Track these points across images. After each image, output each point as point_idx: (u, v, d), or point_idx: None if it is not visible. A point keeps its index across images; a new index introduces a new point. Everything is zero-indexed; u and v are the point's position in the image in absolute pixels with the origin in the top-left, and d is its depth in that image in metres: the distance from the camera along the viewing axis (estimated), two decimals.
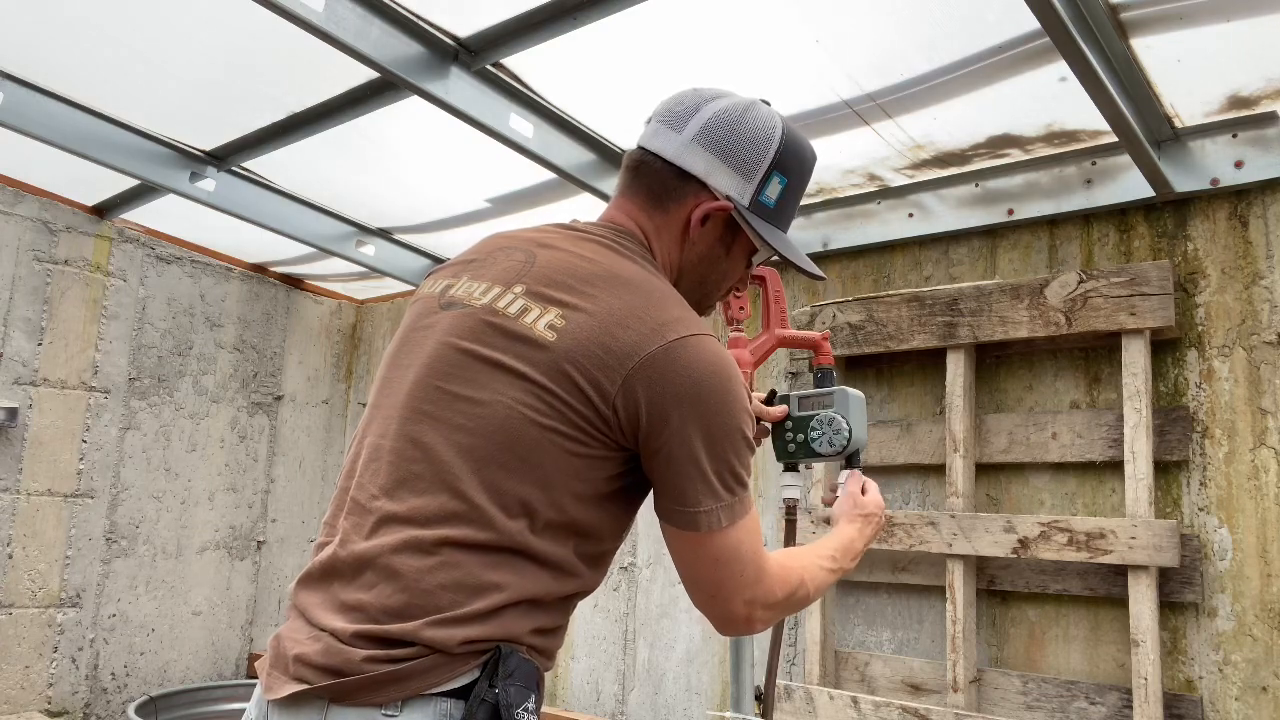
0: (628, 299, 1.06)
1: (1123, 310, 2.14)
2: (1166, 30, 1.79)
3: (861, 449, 1.53)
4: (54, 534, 3.28)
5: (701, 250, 1.22)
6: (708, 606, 1.12)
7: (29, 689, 3.20)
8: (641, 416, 1.02)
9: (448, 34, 2.10)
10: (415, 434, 1.06)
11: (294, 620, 1.06)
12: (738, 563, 1.08)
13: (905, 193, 2.56)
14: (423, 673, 0.96)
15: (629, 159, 1.25)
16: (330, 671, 0.97)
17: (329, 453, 4.19)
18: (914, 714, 2.23)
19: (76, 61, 2.40)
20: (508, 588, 1.00)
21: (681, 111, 1.21)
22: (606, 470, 1.06)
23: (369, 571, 1.01)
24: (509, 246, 1.19)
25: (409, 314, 1.22)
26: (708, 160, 1.18)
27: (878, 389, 2.64)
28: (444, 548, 0.99)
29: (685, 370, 1.02)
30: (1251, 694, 1.99)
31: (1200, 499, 2.11)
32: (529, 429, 1.01)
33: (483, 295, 1.11)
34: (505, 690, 0.97)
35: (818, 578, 1.24)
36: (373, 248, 3.39)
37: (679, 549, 1.10)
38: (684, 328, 1.05)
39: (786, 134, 1.21)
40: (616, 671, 3.06)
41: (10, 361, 3.20)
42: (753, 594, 1.11)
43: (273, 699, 1.00)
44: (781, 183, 1.20)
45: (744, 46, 2.01)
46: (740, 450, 1.07)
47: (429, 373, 1.08)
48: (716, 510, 1.05)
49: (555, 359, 1.02)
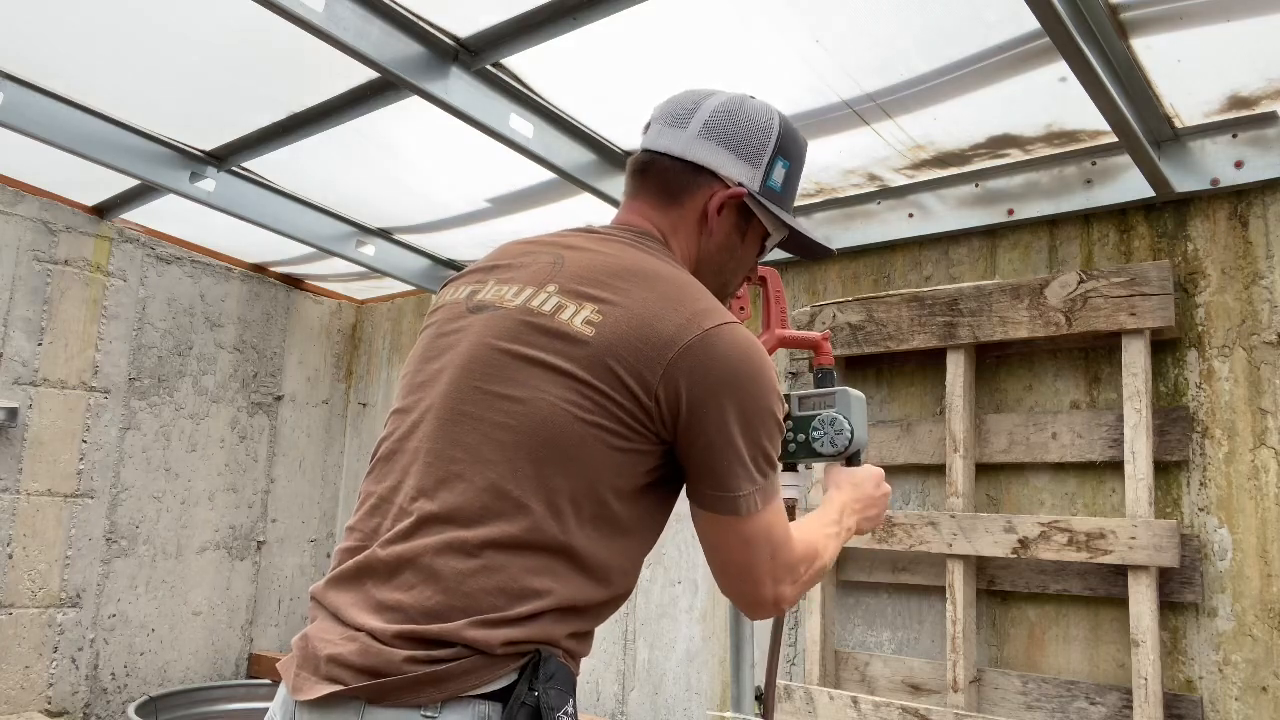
0: (660, 290, 1.08)
1: (1123, 310, 2.14)
2: (1166, 30, 1.79)
3: (862, 449, 1.52)
4: (54, 534, 3.28)
5: (720, 239, 1.25)
6: (737, 591, 1.15)
7: (29, 689, 3.20)
8: (682, 405, 1.04)
9: (448, 34, 2.09)
10: (456, 434, 1.06)
11: (323, 620, 1.05)
12: (768, 544, 1.11)
13: (905, 193, 2.56)
14: (462, 674, 0.95)
15: (635, 162, 1.28)
16: (368, 672, 0.96)
17: (329, 453, 4.19)
18: (914, 714, 2.23)
19: (76, 61, 2.39)
20: (549, 594, 1.00)
21: (683, 111, 1.25)
22: (646, 464, 1.07)
23: (408, 572, 1.00)
24: (534, 250, 1.20)
25: (433, 320, 1.22)
26: (716, 151, 1.23)
27: (878, 389, 2.64)
28: (487, 550, 0.99)
29: (723, 357, 1.04)
30: (1251, 694, 1.99)
31: (1200, 499, 2.11)
32: (573, 424, 1.02)
33: (515, 296, 1.12)
34: (545, 693, 0.97)
35: (829, 546, 1.28)
36: (373, 248, 3.39)
37: (715, 535, 1.11)
38: (717, 316, 1.07)
39: (782, 120, 1.28)
40: (616, 671, 3.06)
41: (10, 361, 3.20)
42: (780, 574, 1.13)
43: (303, 700, 0.99)
44: (784, 166, 1.27)
45: (744, 46, 2.00)
46: (773, 433, 1.09)
47: (466, 374, 1.09)
48: (754, 494, 1.08)
49: (596, 353, 1.03)
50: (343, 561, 1.09)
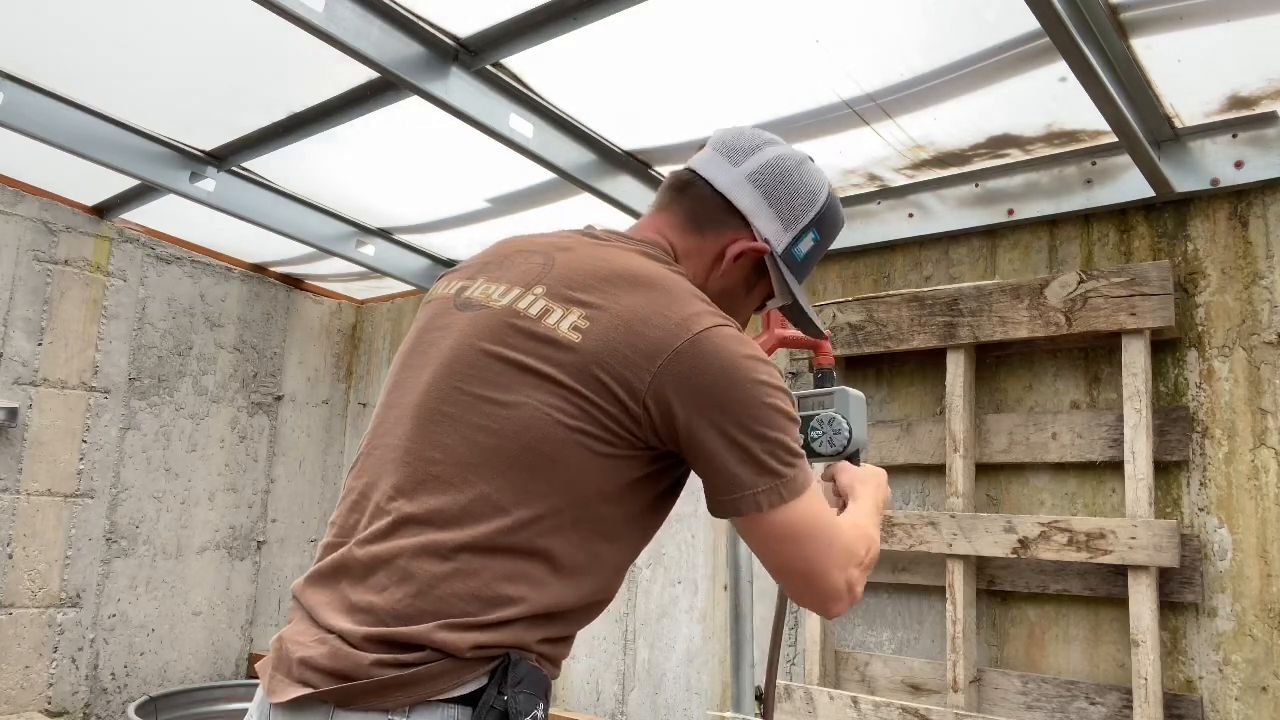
0: (649, 296, 1.06)
1: (1123, 310, 2.14)
2: (1166, 30, 1.79)
3: (862, 449, 1.52)
4: (54, 534, 3.28)
5: (726, 284, 1.25)
6: (805, 590, 1.09)
7: (29, 689, 3.20)
8: (677, 414, 1.02)
9: (448, 34, 2.09)
10: (435, 435, 1.05)
11: (299, 621, 1.05)
12: (820, 532, 1.07)
13: (905, 193, 2.56)
14: (430, 678, 0.95)
15: (675, 178, 1.27)
16: (337, 675, 0.96)
17: (329, 453, 4.19)
18: (914, 714, 2.23)
19: (76, 61, 2.39)
20: (523, 601, 0.99)
21: (741, 147, 1.25)
22: (632, 471, 1.06)
23: (382, 573, 1.00)
24: (526, 250, 1.19)
25: (422, 314, 1.21)
26: (756, 201, 1.22)
27: (878, 389, 2.64)
28: (462, 553, 0.98)
29: (714, 361, 1.02)
30: (1251, 694, 1.99)
31: (1200, 499, 2.11)
32: (556, 430, 1.01)
33: (502, 297, 1.11)
34: (514, 698, 0.96)
35: (872, 521, 1.24)
36: (373, 248, 3.39)
37: (756, 539, 1.08)
38: (707, 319, 1.05)
39: (830, 195, 1.27)
40: (616, 671, 3.06)
41: (10, 361, 3.20)
42: (843, 559, 1.09)
43: (276, 702, 0.99)
44: (814, 240, 1.27)
45: (744, 46, 2.00)
46: (784, 425, 1.05)
47: (448, 373, 1.08)
48: (777, 487, 1.04)
49: (582, 361, 1.02)
50: (323, 557, 1.08)
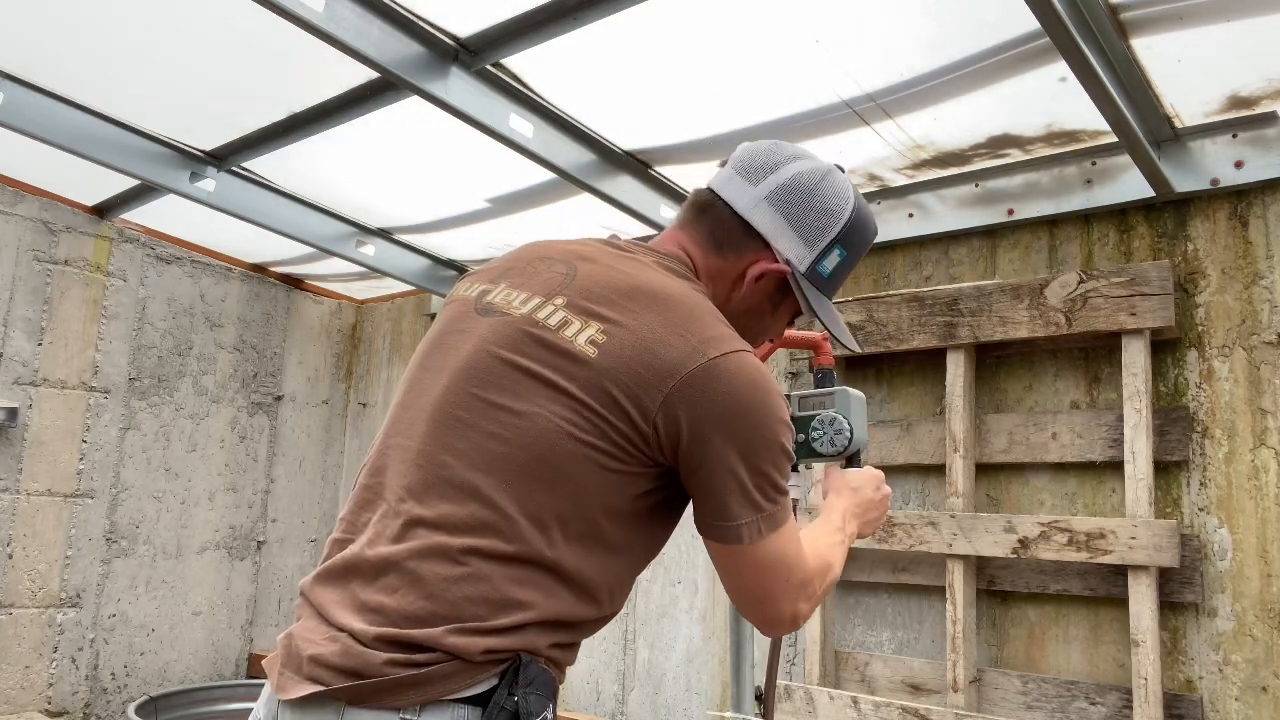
0: (668, 315, 1.06)
1: (1123, 310, 2.14)
2: (1166, 30, 1.79)
3: (862, 449, 1.52)
4: (54, 534, 3.28)
5: (750, 304, 1.24)
6: (754, 612, 1.15)
7: (29, 689, 3.20)
8: (682, 434, 1.03)
9: (448, 34, 2.09)
10: (448, 439, 1.05)
11: (308, 619, 1.05)
12: (783, 568, 1.11)
13: (905, 193, 2.56)
14: (443, 678, 0.95)
15: (697, 197, 1.27)
16: (349, 673, 0.96)
17: (329, 453, 4.19)
18: (914, 714, 2.23)
19: (76, 61, 2.39)
20: (534, 607, 1.00)
21: (759, 166, 1.23)
22: (640, 486, 1.06)
23: (392, 574, 1.00)
24: (549, 257, 1.18)
25: (443, 315, 1.21)
26: (776, 222, 1.21)
27: (878, 389, 2.64)
28: (472, 557, 0.99)
29: (726, 388, 1.03)
30: (1251, 694, 1.99)
31: (1200, 499, 2.11)
32: (566, 443, 1.01)
33: (522, 305, 1.11)
34: (525, 699, 0.97)
35: (837, 556, 1.27)
36: (373, 248, 3.39)
37: (723, 562, 1.11)
38: (724, 344, 1.06)
39: (856, 210, 1.25)
40: (616, 671, 3.06)
41: (10, 361, 3.20)
42: (797, 593, 1.13)
43: (285, 699, 0.99)
44: (841, 256, 1.24)
45: (744, 46, 2.00)
46: (780, 462, 1.08)
47: (465, 379, 1.08)
48: (757, 521, 1.06)
49: (597, 376, 1.02)
50: (332, 554, 1.09)
